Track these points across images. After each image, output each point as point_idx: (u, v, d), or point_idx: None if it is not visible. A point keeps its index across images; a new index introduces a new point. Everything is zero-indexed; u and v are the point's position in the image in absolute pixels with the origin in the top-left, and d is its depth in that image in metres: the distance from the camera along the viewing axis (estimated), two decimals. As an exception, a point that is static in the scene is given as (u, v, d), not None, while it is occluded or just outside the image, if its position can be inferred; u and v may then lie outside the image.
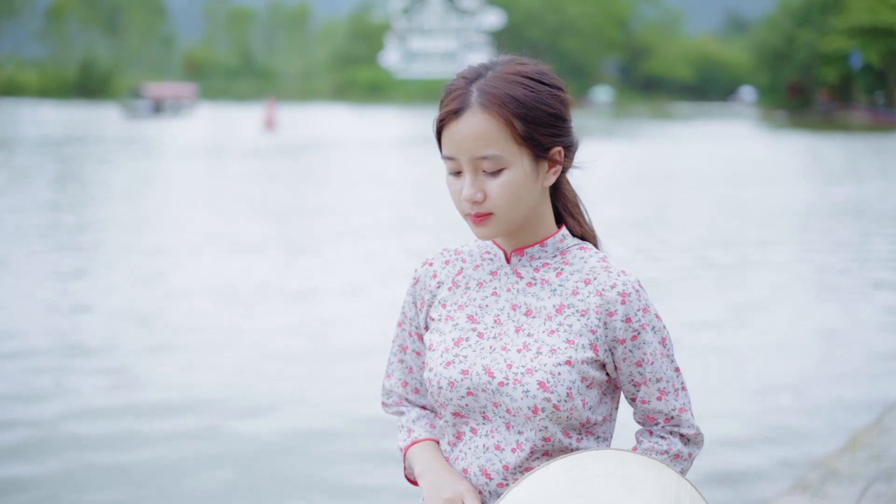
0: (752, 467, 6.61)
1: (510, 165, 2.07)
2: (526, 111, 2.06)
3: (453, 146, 2.08)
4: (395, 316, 2.28)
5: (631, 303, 2.13)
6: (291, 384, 8.60)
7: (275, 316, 11.01)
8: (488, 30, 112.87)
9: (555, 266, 2.19)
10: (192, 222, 18.56)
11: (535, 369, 2.09)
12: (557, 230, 2.22)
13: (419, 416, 2.33)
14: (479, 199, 2.08)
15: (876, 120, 67.81)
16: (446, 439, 2.22)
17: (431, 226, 18.17)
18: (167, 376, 8.70)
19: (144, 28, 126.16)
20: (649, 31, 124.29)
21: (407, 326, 2.32)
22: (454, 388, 2.14)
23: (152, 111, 70.43)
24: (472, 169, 2.08)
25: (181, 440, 7.17)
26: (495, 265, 2.23)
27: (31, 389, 8.29)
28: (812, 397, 8.29)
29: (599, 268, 2.17)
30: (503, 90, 2.07)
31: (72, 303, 11.54)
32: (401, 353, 2.35)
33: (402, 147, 42.26)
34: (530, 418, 2.09)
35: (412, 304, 2.31)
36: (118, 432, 7.31)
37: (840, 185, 27.11)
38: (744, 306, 11.77)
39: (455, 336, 2.19)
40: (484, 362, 2.13)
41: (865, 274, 14.18)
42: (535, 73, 2.12)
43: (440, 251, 2.32)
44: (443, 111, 2.10)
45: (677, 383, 2.21)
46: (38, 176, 26.74)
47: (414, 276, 2.31)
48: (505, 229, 2.13)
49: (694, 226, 18.87)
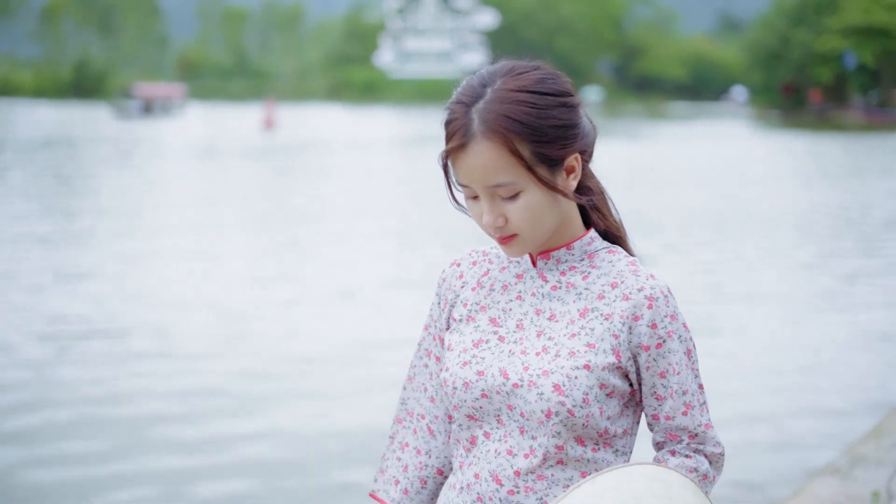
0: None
1: (525, 188, 2.02)
2: (530, 132, 1.99)
3: (465, 175, 2.03)
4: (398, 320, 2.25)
5: (658, 308, 2.06)
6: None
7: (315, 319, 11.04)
8: (482, 30, 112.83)
9: (582, 270, 2.13)
10: (206, 227, 18.58)
11: (551, 371, 2.03)
12: (585, 232, 2.16)
13: (395, 467, 2.29)
14: (500, 223, 2.04)
15: (871, 119, 67.90)
16: (461, 445, 2.15)
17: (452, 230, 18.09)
18: (168, 378, 8.77)
19: (139, 28, 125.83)
20: (643, 30, 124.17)
21: (433, 329, 2.27)
22: (468, 390, 2.08)
23: (142, 111, 69.96)
24: (488, 196, 2.03)
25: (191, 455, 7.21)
26: (521, 268, 2.17)
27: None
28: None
29: (628, 271, 2.11)
30: (503, 113, 1.98)
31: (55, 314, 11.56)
32: (426, 358, 2.29)
33: (406, 146, 42.28)
34: (543, 422, 2.03)
35: (437, 304, 2.26)
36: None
37: (843, 184, 27.17)
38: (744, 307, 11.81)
39: (475, 338, 2.14)
40: (501, 364, 2.08)
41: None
42: (535, 84, 2.03)
43: (469, 252, 2.28)
44: (448, 146, 2.03)
45: (702, 398, 2.12)
46: (17, 180, 26.39)
47: (441, 277, 2.27)
48: (534, 246, 2.09)
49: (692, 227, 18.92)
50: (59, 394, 8.29)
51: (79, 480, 6.56)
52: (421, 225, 18.62)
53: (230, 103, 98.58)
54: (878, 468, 5.56)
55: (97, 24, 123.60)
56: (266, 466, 6.84)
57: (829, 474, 4.88)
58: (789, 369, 9.27)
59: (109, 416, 7.79)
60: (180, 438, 7.35)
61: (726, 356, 9.63)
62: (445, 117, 2.04)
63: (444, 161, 2.07)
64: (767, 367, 9.35)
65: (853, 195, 24.36)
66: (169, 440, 7.30)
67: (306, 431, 7.54)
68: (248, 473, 6.74)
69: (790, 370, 9.25)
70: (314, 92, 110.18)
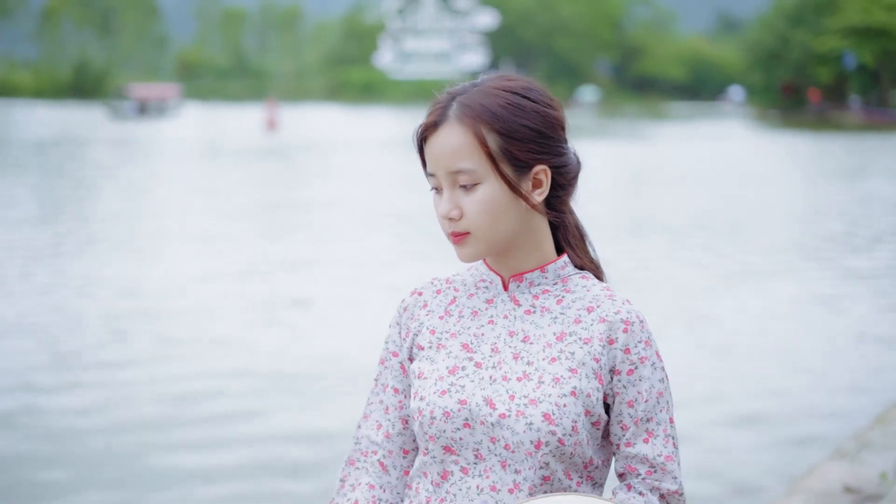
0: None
1: (484, 180, 1.99)
2: (502, 125, 1.99)
3: (432, 161, 2.03)
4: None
5: (633, 333, 2.02)
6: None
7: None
8: (482, 30, 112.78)
9: (555, 293, 2.08)
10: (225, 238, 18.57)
11: (538, 400, 1.97)
12: (559, 257, 2.11)
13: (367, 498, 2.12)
14: (454, 215, 2.01)
15: (870, 119, 67.91)
16: (429, 478, 2.06)
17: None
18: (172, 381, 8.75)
19: (138, 29, 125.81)
20: (642, 31, 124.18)
21: (390, 362, 2.16)
22: (449, 419, 2.00)
23: (137, 112, 69.75)
24: (449, 184, 2.02)
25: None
26: (491, 293, 2.11)
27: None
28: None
29: (603, 296, 2.07)
30: (481, 102, 2.00)
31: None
32: (382, 394, 2.17)
33: (409, 146, 42.21)
34: (531, 454, 1.96)
35: (398, 333, 2.16)
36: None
37: (844, 184, 27.18)
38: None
39: (449, 364, 2.05)
40: (484, 393, 2.00)
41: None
42: (520, 88, 2.03)
43: (430, 281, 2.20)
44: (423, 123, 2.07)
45: (669, 430, 2.04)
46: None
47: (401, 306, 2.18)
48: (487, 250, 2.03)
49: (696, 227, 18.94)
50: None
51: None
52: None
53: (228, 104, 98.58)
54: (885, 452, 5.64)
55: (96, 25, 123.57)
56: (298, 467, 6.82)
57: (837, 458, 4.97)
58: (788, 370, 9.26)
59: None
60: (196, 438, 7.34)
61: (727, 357, 9.62)
62: (431, 102, 2.09)
63: (419, 140, 2.08)
64: (768, 369, 9.33)
65: (854, 195, 24.35)
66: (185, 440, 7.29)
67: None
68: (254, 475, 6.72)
69: (789, 371, 9.24)
70: (313, 92, 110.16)
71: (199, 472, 6.74)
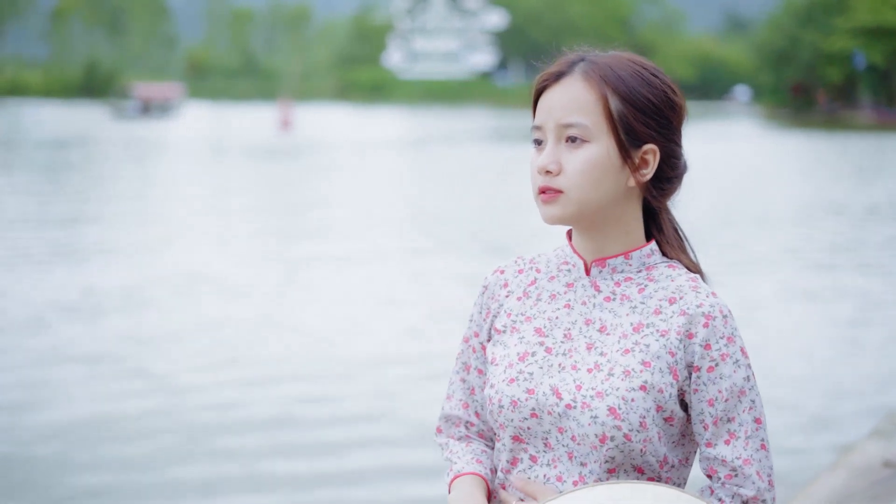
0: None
1: (595, 140, 1.93)
2: (627, 90, 1.95)
3: (543, 112, 1.98)
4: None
5: (715, 328, 1.93)
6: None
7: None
8: (491, 30, 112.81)
9: (638, 282, 2.00)
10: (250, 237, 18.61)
11: (605, 393, 1.90)
12: (646, 244, 2.03)
13: (463, 451, 2.11)
14: (553, 169, 1.94)
15: (881, 119, 67.87)
16: (500, 465, 2.04)
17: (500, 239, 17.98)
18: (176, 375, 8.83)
19: (147, 29, 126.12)
20: (650, 30, 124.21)
21: (473, 341, 2.13)
22: (517, 409, 1.96)
23: (140, 112, 69.56)
24: (555, 138, 1.95)
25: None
26: (573, 276, 2.04)
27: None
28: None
29: (688, 287, 1.97)
30: (610, 66, 1.97)
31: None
32: (464, 372, 2.14)
33: (423, 146, 42.28)
34: (596, 448, 1.90)
35: (479, 313, 2.13)
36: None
37: (855, 183, 27.17)
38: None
39: (520, 350, 2.00)
40: (552, 381, 1.95)
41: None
42: (651, 66, 2.01)
43: (514, 259, 2.15)
44: (545, 73, 2.01)
45: (752, 432, 1.94)
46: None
47: (483, 284, 2.14)
48: (574, 215, 1.96)
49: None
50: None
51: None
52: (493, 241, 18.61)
53: (236, 103, 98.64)
54: None
55: (106, 25, 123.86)
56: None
57: (876, 437, 5.08)
58: (789, 375, 9.25)
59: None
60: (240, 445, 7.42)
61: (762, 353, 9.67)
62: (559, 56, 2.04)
63: (536, 91, 2.02)
64: (766, 369, 9.37)
65: (866, 195, 24.34)
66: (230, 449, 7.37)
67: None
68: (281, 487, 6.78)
69: (790, 376, 9.23)
70: (321, 92, 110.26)
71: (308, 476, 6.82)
